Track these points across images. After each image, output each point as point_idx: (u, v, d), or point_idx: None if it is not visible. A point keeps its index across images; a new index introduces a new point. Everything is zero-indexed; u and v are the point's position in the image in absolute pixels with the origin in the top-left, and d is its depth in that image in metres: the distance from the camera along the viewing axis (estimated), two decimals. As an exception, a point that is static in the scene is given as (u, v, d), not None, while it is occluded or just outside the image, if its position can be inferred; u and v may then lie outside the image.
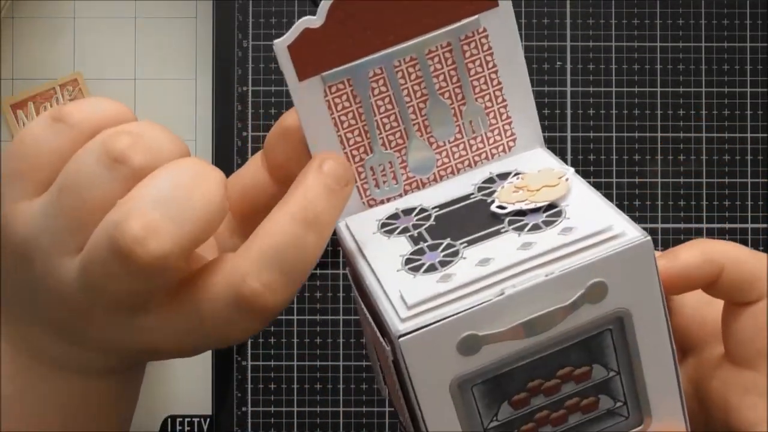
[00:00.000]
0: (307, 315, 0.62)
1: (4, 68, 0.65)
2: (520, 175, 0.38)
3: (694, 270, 0.38)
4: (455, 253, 0.35)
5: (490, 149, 0.40)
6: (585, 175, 0.61)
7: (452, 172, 0.40)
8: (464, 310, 0.32)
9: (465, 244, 0.35)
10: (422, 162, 0.40)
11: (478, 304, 0.33)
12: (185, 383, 0.65)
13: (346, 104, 0.38)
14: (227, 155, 0.62)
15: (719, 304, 0.40)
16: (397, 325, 0.32)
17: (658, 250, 0.63)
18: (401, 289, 0.33)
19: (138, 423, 0.65)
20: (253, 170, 0.42)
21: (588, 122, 0.61)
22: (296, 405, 0.62)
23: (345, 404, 0.62)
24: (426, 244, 0.36)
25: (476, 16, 0.38)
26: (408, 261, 0.35)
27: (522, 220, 0.36)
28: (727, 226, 0.61)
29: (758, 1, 0.62)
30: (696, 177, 0.62)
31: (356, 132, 0.39)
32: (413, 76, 0.38)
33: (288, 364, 0.62)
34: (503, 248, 0.35)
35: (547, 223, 0.35)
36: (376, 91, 0.38)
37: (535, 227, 0.35)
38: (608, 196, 0.61)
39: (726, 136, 0.62)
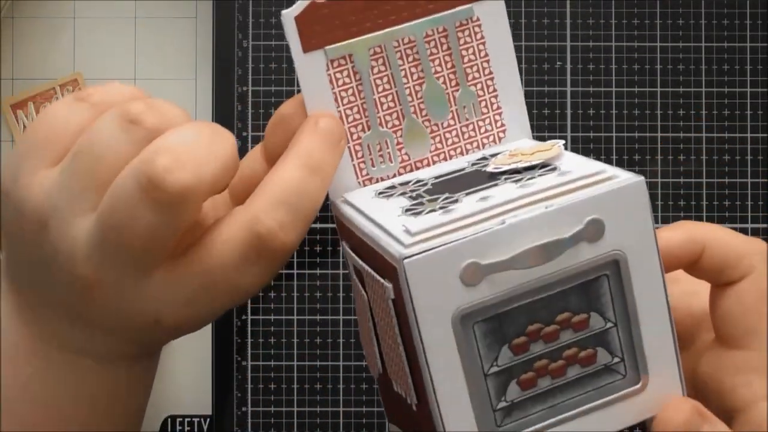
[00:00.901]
0: (307, 315, 0.62)
1: (4, 68, 0.65)
2: (512, 149, 0.40)
3: (676, 248, 0.39)
4: (455, 201, 0.36)
5: (481, 138, 0.42)
6: (585, 175, 0.61)
7: (445, 158, 0.42)
8: (467, 237, 0.33)
9: (464, 195, 0.36)
10: (417, 143, 0.41)
11: (480, 232, 0.33)
12: (185, 383, 0.65)
13: (347, 80, 0.40)
14: (227, 155, 0.62)
15: (704, 294, 0.41)
16: (402, 249, 0.33)
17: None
18: (404, 223, 0.34)
19: (138, 423, 0.65)
20: (252, 159, 0.44)
21: (588, 122, 0.61)
22: (296, 405, 0.62)
23: (345, 404, 0.62)
24: (425, 198, 0.37)
25: (470, 5, 0.40)
26: (408, 210, 0.36)
27: (518, 176, 0.37)
28: (727, 226, 0.61)
29: (758, 1, 0.62)
30: (696, 177, 0.62)
31: (355, 109, 0.40)
32: (411, 59, 0.40)
33: (288, 364, 0.62)
34: (502, 190, 0.36)
35: (543, 174, 0.37)
36: (376, 70, 0.40)
37: (531, 177, 0.36)
38: (608, 196, 0.61)
39: (726, 136, 0.62)
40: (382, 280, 0.35)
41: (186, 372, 0.65)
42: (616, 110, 0.62)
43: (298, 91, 0.63)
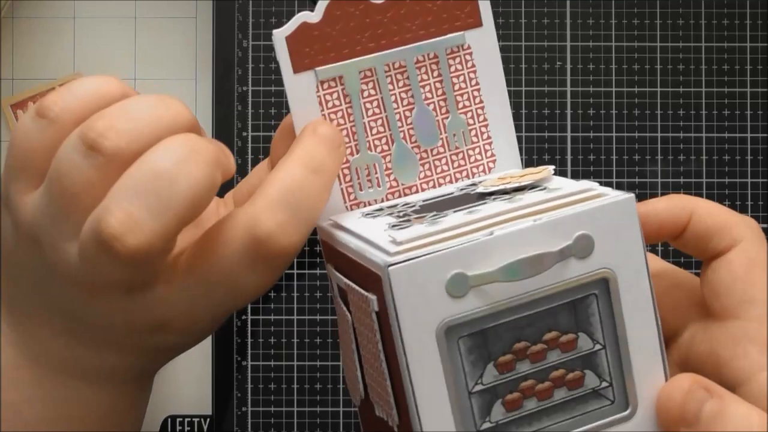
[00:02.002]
0: (307, 315, 0.62)
1: (4, 68, 0.65)
2: (501, 174, 0.40)
3: (663, 212, 0.38)
4: (443, 216, 0.35)
5: (471, 167, 0.41)
6: (585, 175, 0.61)
7: (434, 186, 0.41)
8: (453, 246, 0.33)
9: (452, 211, 0.36)
10: (406, 169, 0.41)
11: (468, 242, 0.33)
12: (185, 383, 0.65)
13: (337, 102, 0.40)
14: (227, 155, 0.62)
15: (687, 284, 0.40)
16: (386, 258, 0.33)
17: (658, 251, 0.63)
18: (391, 234, 0.34)
19: (138, 423, 0.65)
20: (260, 172, 0.44)
21: (588, 122, 0.61)
22: (296, 405, 0.62)
23: (345, 404, 0.62)
24: (412, 216, 0.37)
25: (462, 33, 0.40)
26: (395, 225, 0.36)
27: (507, 196, 0.37)
28: (727, 226, 0.61)
29: (758, 1, 0.62)
30: (696, 177, 0.62)
31: (344, 132, 0.40)
32: (401, 83, 0.40)
33: (288, 364, 0.62)
34: (491, 206, 0.35)
35: (532, 192, 0.36)
36: (366, 94, 0.40)
37: (520, 197, 0.36)
38: (608, 196, 0.61)
39: (726, 136, 0.62)
40: (366, 294, 0.34)
41: (186, 372, 0.65)
42: (616, 110, 0.62)
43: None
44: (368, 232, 0.35)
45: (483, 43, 0.41)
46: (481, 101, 0.41)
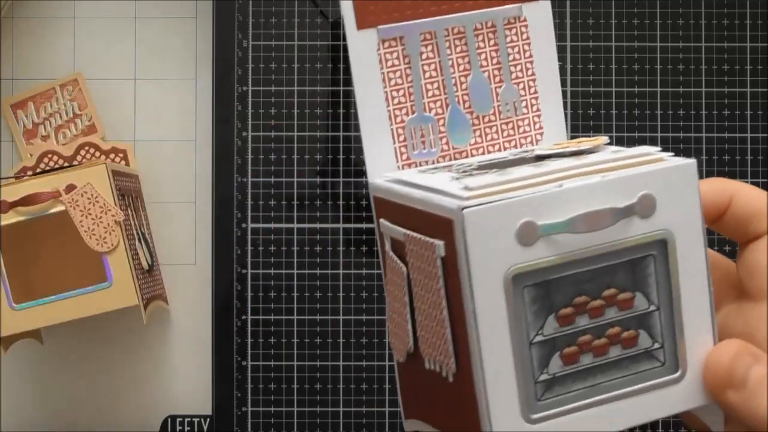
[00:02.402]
0: (307, 315, 0.62)
1: (4, 68, 0.65)
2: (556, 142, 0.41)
3: (704, 195, 0.38)
4: (506, 172, 0.36)
5: (519, 138, 0.42)
6: (585, 175, 0.61)
7: (483, 152, 0.42)
8: (525, 195, 0.34)
9: (516, 168, 0.36)
10: (459, 133, 0.41)
11: (538, 192, 0.34)
12: (185, 383, 0.65)
13: (396, 62, 0.40)
14: (227, 155, 0.62)
15: (723, 266, 0.40)
16: (460, 202, 0.33)
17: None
18: (462, 180, 0.34)
19: (138, 423, 0.65)
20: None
21: (588, 122, 0.61)
22: (296, 405, 0.62)
23: (345, 404, 0.62)
24: (475, 173, 0.37)
25: (519, 5, 0.41)
26: (459, 178, 0.36)
27: (565, 158, 0.37)
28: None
29: (758, 1, 0.62)
30: (696, 177, 0.62)
31: (401, 92, 0.41)
32: (459, 49, 0.41)
33: (288, 364, 0.62)
34: (557, 163, 0.36)
35: (597, 151, 0.37)
36: (425, 56, 0.41)
37: (584, 153, 0.37)
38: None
39: (726, 136, 0.62)
40: (431, 240, 0.35)
41: (186, 372, 0.65)
42: (616, 110, 0.62)
43: (299, 91, 0.63)
44: (434, 183, 0.36)
45: (539, 17, 0.42)
46: (533, 74, 0.42)
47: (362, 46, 0.40)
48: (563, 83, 0.61)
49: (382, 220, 0.39)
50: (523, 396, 0.34)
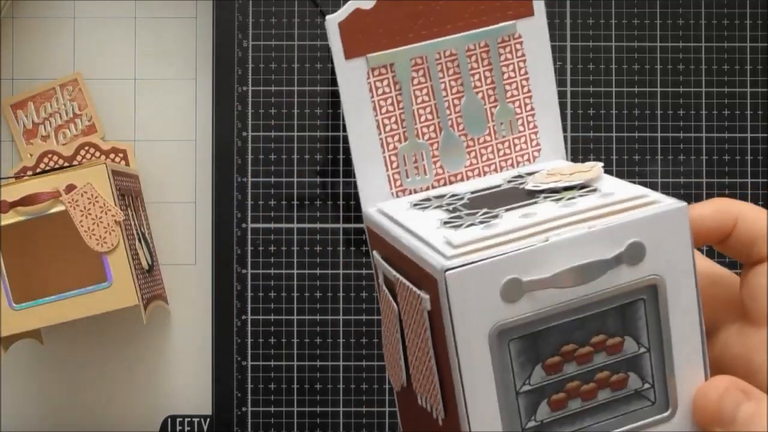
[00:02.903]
0: (307, 315, 0.62)
1: (4, 68, 0.65)
2: (550, 169, 0.40)
3: (708, 219, 0.38)
4: (495, 216, 0.35)
5: (516, 156, 0.41)
6: (585, 175, 0.61)
7: (479, 174, 0.41)
8: (509, 252, 0.33)
9: (503, 210, 0.36)
10: (453, 157, 0.41)
11: (523, 248, 0.33)
12: (185, 383, 0.65)
13: (387, 89, 0.40)
14: (227, 155, 0.62)
15: (726, 283, 0.40)
16: (443, 261, 0.33)
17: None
18: (445, 235, 0.34)
19: (138, 423, 0.65)
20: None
21: (588, 122, 0.61)
22: (296, 405, 0.62)
23: (345, 404, 0.62)
24: (463, 212, 0.36)
25: (513, 22, 0.40)
26: (447, 222, 0.36)
27: (557, 195, 0.37)
28: (727, 226, 0.61)
29: (758, 1, 0.62)
30: (696, 177, 0.62)
31: (393, 119, 0.40)
32: (451, 72, 0.40)
33: (288, 364, 0.62)
34: (543, 208, 0.35)
35: (584, 195, 0.36)
36: (416, 81, 0.40)
37: (572, 198, 0.36)
38: (608, 196, 0.61)
39: (726, 136, 0.62)
40: (418, 291, 0.34)
41: (186, 372, 0.65)
42: (616, 110, 0.62)
43: (299, 91, 0.63)
44: (421, 228, 0.36)
45: (534, 32, 0.41)
46: (529, 90, 0.41)
47: (351, 75, 0.39)
48: (563, 83, 0.61)
49: (375, 253, 0.39)
50: None
